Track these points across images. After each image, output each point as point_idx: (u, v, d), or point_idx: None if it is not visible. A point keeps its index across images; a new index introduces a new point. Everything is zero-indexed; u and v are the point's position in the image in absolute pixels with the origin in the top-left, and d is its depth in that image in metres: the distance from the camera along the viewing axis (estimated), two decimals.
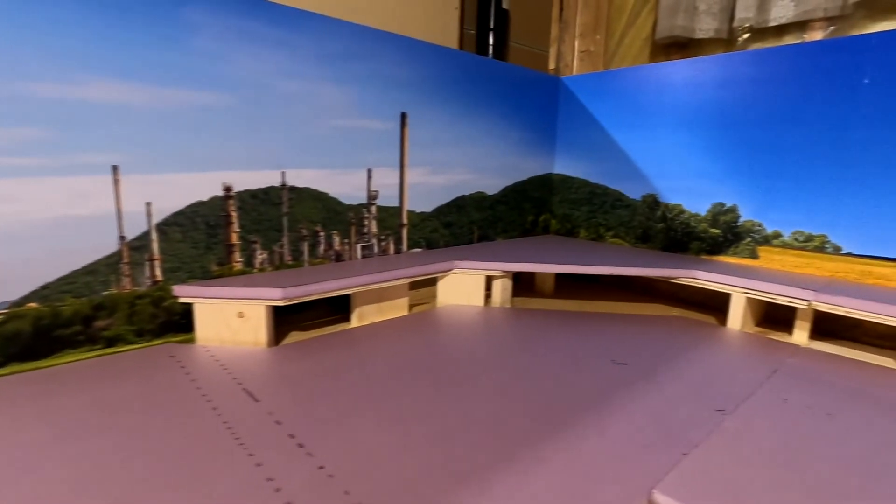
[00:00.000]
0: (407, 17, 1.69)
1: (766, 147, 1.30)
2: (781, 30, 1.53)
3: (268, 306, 0.99)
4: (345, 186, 1.23)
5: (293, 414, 0.73)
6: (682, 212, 1.48)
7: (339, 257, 1.25)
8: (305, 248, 1.18)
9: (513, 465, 0.63)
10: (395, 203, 1.35)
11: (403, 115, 1.32)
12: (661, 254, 1.50)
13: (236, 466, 0.60)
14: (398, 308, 1.24)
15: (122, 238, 0.91)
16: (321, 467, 0.61)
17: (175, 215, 0.97)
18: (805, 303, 1.09)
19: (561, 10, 2.32)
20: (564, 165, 1.79)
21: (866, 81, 1.14)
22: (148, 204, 0.94)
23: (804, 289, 1.10)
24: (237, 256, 1.07)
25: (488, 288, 1.35)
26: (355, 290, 1.12)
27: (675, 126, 1.47)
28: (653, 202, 1.55)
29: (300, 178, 1.15)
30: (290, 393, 0.80)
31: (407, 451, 0.65)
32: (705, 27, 1.74)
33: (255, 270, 1.10)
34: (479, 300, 1.33)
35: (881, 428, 0.75)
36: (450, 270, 1.30)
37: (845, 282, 1.18)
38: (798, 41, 1.46)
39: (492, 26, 2.23)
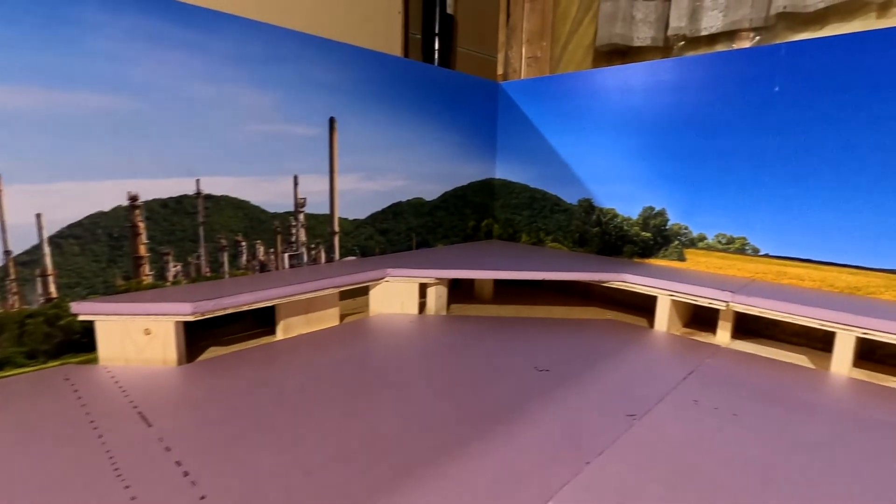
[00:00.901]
0: (349, 21, 1.66)
1: (690, 152, 1.34)
2: (713, 39, 1.58)
3: (177, 322, 0.94)
4: (268, 194, 1.19)
5: (186, 438, 0.69)
6: (616, 216, 1.51)
7: (263, 268, 1.20)
8: (225, 258, 1.13)
9: (409, 483, 0.61)
10: (326, 210, 1.31)
11: (332, 121, 1.28)
12: (597, 257, 1.52)
13: (106, 500, 0.56)
14: (328, 318, 1.20)
15: (6, 253, 0.84)
16: (203, 497, 0.57)
17: (72, 227, 0.91)
18: (724, 304, 1.12)
19: (508, 16, 2.33)
20: (505, 170, 1.79)
21: (776, 89, 1.19)
22: (38, 215, 0.87)
23: (723, 290, 1.13)
24: (146, 270, 1.01)
25: (424, 295, 1.33)
26: (278, 301, 1.08)
27: (607, 131, 1.50)
28: (588, 206, 1.57)
29: (218, 185, 1.10)
30: (190, 415, 0.76)
31: (300, 475, 0.62)
32: (642, 35, 1.78)
33: (167, 284, 1.05)
34: (413, 308, 1.30)
35: (783, 427, 0.77)
36: (382, 279, 1.28)
37: (763, 282, 1.23)
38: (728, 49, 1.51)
39: (437, 31, 2.23)
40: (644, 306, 1.44)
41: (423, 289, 1.33)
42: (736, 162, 1.27)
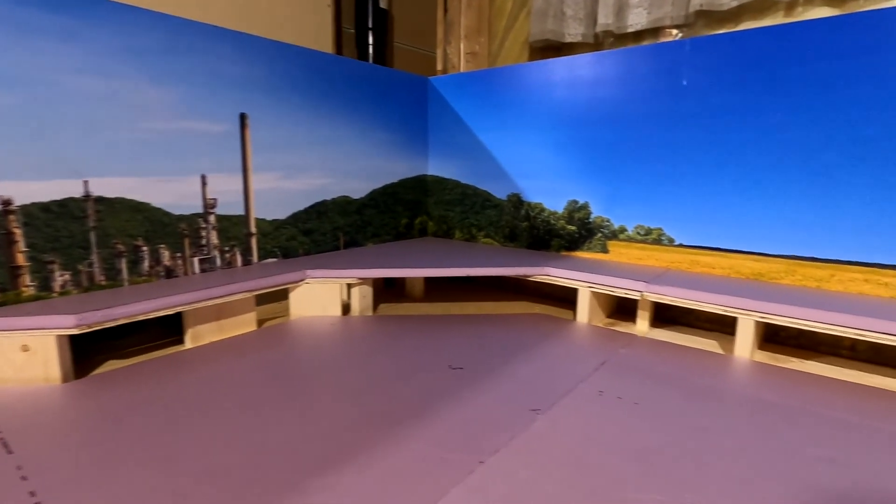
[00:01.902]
0: (274, 14, 1.59)
1: (609, 145, 1.36)
2: (640, 35, 1.61)
3: (59, 336, 0.86)
4: (172, 195, 1.12)
5: (49, 465, 0.63)
6: (543, 210, 1.52)
7: (170, 273, 1.13)
8: (124, 265, 1.06)
9: (293, 496, 0.58)
10: (241, 211, 1.25)
11: (243, 117, 1.22)
12: (527, 252, 1.53)
13: None
14: (243, 324, 1.15)
15: None
16: None
17: None
18: (638, 293, 1.15)
19: (445, 11, 2.31)
20: (438, 166, 1.77)
21: (684, 83, 1.23)
22: None
23: (638, 280, 1.15)
24: (27, 280, 0.93)
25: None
26: (183, 308, 1.02)
27: (532, 126, 1.51)
28: (517, 201, 1.58)
29: (111, 187, 1.02)
30: (61, 438, 0.70)
31: (169, 498, 0.57)
32: (573, 32, 1.80)
33: (54, 295, 0.96)
34: (335, 310, 1.27)
35: (680, 413, 0.79)
36: (301, 280, 1.23)
37: (677, 271, 1.26)
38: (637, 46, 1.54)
39: (371, 26, 2.18)
40: (573, 299, 1.46)
41: (349, 290, 1.29)
42: (650, 154, 1.30)
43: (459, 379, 0.90)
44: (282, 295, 1.26)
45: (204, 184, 1.17)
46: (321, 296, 1.25)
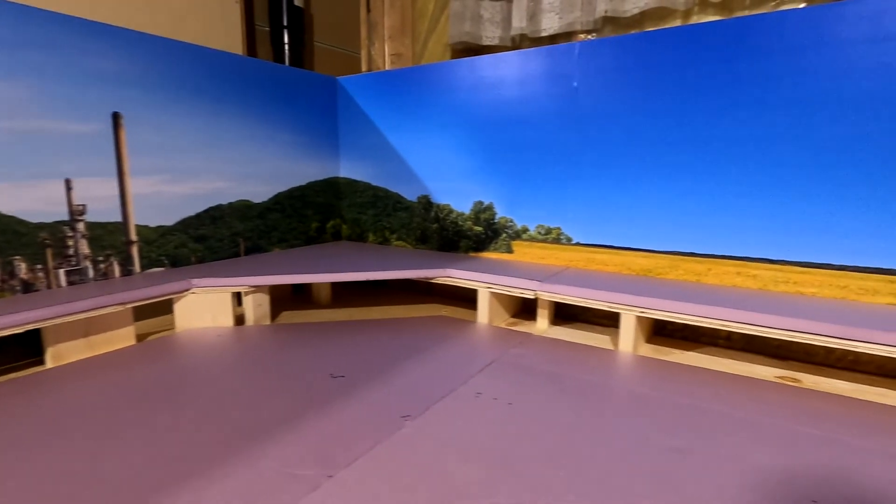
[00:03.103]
0: (173, 9, 1.50)
1: (510, 146, 1.38)
2: (554, 39, 1.64)
3: None
4: (29, 201, 1.02)
5: None
6: (451, 211, 1.51)
7: (28, 287, 1.03)
8: None
9: None
10: (118, 217, 1.16)
11: (116, 116, 1.14)
12: (437, 253, 1.52)
13: None
14: (119, 339, 1.06)
15: None
16: None
17: None
18: (532, 293, 1.16)
19: (368, 11, 2.27)
20: (350, 169, 1.73)
21: (575, 85, 1.26)
22: None
23: (533, 280, 1.16)
24: None
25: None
26: (39, 324, 0.92)
27: (438, 127, 1.50)
28: (427, 203, 1.56)
29: None
30: None
31: None
32: (490, 35, 1.81)
33: None
34: (227, 320, 1.20)
35: (551, 410, 0.80)
36: (186, 290, 1.16)
37: (574, 269, 1.29)
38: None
39: (286, 24, 2.11)
40: None
41: (243, 298, 1.23)
42: (548, 155, 1.32)
43: (337, 388, 0.87)
44: (167, 306, 1.18)
45: (69, 188, 1.07)
46: (210, 306, 1.18)
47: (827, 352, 1.02)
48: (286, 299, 1.50)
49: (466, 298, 1.50)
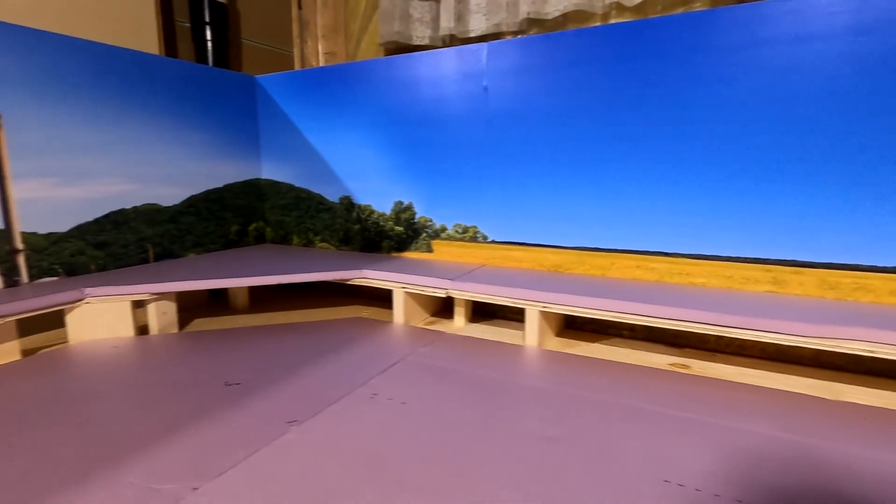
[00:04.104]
0: (82, 4, 1.41)
1: (427, 146, 1.38)
2: (483, 40, 1.65)
3: None
4: None
5: None
6: (373, 212, 1.50)
7: None
8: None
9: None
10: None
11: None
12: (359, 254, 1.51)
13: None
14: (1, 355, 0.99)
15: None
16: None
17: None
18: (444, 291, 1.17)
19: (300, 8, 2.22)
20: (272, 170, 1.69)
21: (485, 85, 1.27)
22: None
23: (445, 279, 1.17)
24: None
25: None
26: None
27: (358, 126, 1.49)
28: (348, 204, 1.54)
29: None
30: None
31: None
32: (420, 34, 1.81)
33: None
34: (127, 330, 1.14)
35: (443, 410, 0.80)
36: (79, 300, 1.09)
37: (490, 266, 1.31)
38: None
39: (208, 20, 2.03)
40: None
41: (147, 307, 1.17)
42: (463, 155, 1.34)
43: (229, 396, 0.84)
44: (60, 318, 1.11)
45: None
46: (107, 316, 1.12)
47: (717, 338, 1.08)
48: (202, 306, 1.45)
49: (389, 299, 1.49)
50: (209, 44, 2.01)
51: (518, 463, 0.65)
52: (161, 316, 1.18)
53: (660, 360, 1.04)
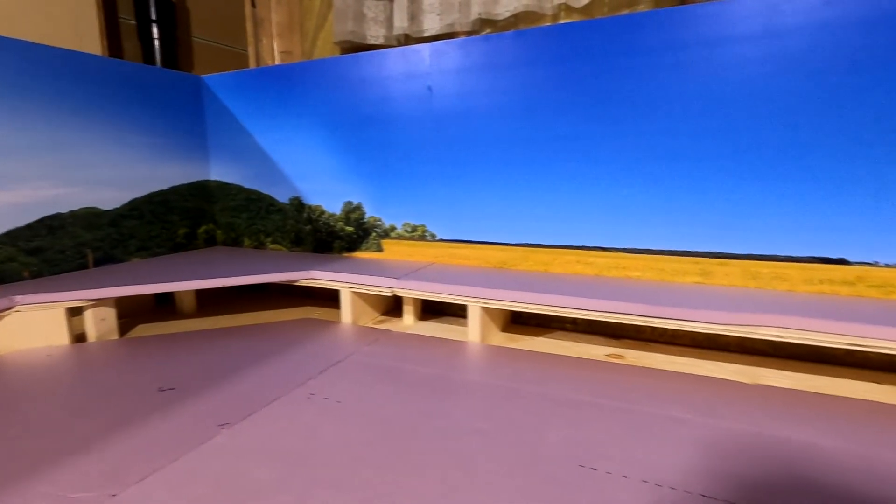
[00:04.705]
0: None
1: (375, 145, 1.39)
2: (437, 39, 1.65)
3: None
4: None
5: None
6: (323, 212, 1.50)
7: None
8: None
9: None
10: None
11: None
12: (311, 255, 1.50)
13: None
14: None
15: None
16: None
17: None
18: (390, 290, 1.18)
19: (253, 6, 2.18)
20: (221, 171, 1.66)
21: (429, 85, 1.29)
22: None
23: (391, 277, 1.18)
24: None
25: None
26: None
27: (306, 127, 1.48)
28: (299, 205, 1.54)
29: None
30: None
31: None
32: (374, 34, 1.80)
33: None
34: (61, 338, 1.11)
35: (377, 407, 0.81)
36: (9, 309, 1.06)
37: (438, 265, 1.33)
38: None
39: (154, 18, 1.98)
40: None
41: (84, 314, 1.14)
42: (410, 154, 1.35)
43: (161, 401, 0.83)
44: None
45: None
46: (40, 324, 1.09)
47: (651, 329, 1.13)
48: (147, 312, 1.41)
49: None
50: (156, 42, 1.96)
51: (442, 455, 0.67)
52: (99, 322, 1.15)
53: (598, 351, 1.08)
